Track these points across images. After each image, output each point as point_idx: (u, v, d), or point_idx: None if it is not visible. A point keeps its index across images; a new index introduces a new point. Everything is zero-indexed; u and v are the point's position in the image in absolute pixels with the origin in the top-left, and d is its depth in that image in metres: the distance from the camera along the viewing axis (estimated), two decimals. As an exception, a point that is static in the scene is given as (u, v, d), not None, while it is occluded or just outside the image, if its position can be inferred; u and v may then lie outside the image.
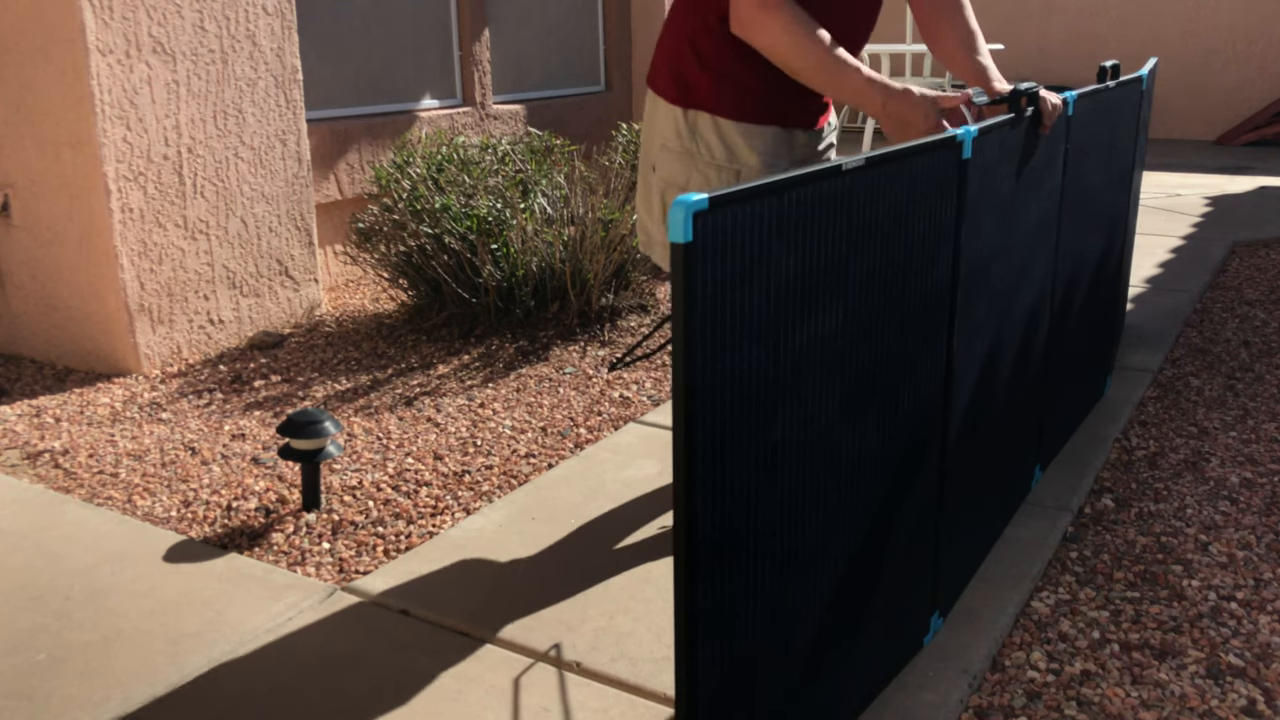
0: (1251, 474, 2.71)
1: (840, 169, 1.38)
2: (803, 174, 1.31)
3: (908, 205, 1.57)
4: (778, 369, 1.34)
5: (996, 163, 1.86)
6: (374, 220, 4.06)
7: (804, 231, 1.34)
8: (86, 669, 1.93)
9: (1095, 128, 2.48)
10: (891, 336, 1.60)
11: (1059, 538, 2.37)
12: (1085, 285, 2.68)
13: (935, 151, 1.61)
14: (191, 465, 2.86)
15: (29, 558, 2.35)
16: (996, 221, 1.92)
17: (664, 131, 2.12)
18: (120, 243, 3.50)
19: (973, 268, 1.82)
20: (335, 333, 4.03)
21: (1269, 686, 1.87)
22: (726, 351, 1.24)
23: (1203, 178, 7.36)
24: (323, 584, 2.23)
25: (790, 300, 1.34)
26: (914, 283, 1.63)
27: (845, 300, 1.46)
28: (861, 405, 1.56)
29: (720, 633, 1.35)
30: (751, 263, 1.24)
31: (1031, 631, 2.04)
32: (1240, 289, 4.50)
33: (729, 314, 1.22)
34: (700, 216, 1.14)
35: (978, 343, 1.93)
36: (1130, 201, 3.02)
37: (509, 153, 4.25)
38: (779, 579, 1.45)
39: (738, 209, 1.19)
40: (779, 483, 1.40)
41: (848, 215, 1.42)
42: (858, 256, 1.47)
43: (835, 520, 1.56)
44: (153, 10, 3.51)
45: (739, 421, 1.29)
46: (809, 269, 1.36)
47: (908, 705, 1.78)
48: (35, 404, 3.36)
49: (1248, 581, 2.21)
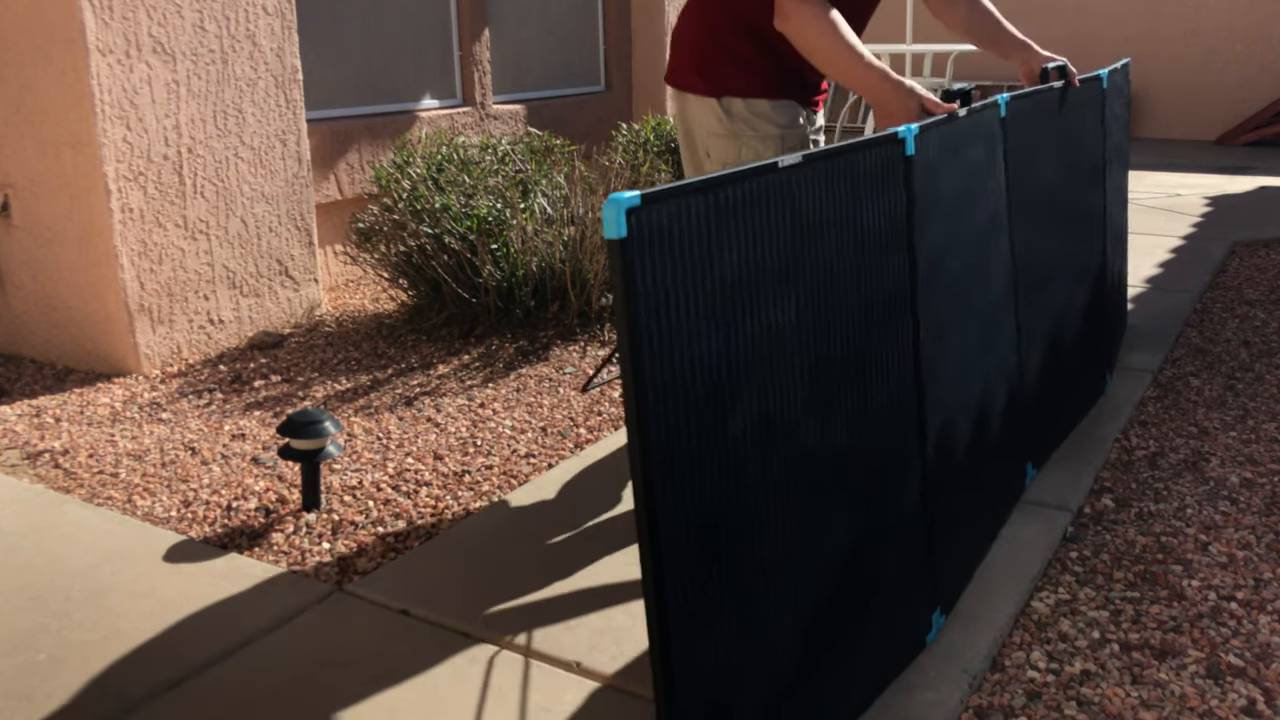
0: (1251, 474, 2.71)
1: (776, 165, 1.43)
2: (738, 171, 1.36)
3: (855, 200, 1.62)
4: (732, 362, 1.36)
5: (943, 159, 1.93)
6: (374, 220, 4.06)
7: (747, 227, 1.38)
8: (86, 669, 1.94)
9: (1041, 128, 2.54)
10: (852, 330, 1.62)
11: (1059, 538, 2.37)
12: (1064, 283, 2.69)
13: (877, 147, 1.67)
14: (191, 465, 2.86)
15: (29, 558, 2.35)
16: (950, 217, 1.97)
17: (706, 122, 2.38)
18: (120, 243, 3.50)
19: (930, 261, 1.85)
20: (335, 333, 4.03)
21: (1269, 686, 1.87)
22: (676, 345, 1.27)
23: (1203, 178, 7.36)
24: (323, 584, 2.23)
25: (740, 293, 1.37)
26: (872, 276, 1.66)
27: (799, 293, 1.50)
28: (827, 397, 1.57)
29: (696, 637, 1.34)
30: (693, 257, 1.29)
31: (1031, 631, 2.04)
32: (1240, 289, 4.50)
33: (675, 307, 1.26)
34: (634, 213, 1.19)
35: (947, 337, 1.95)
36: (1110, 200, 3.02)
37: (509, 153, 4.25)
38: (755, 577, 1.44)
39: (670, 205, 1.24)
40: (744, 479, 1.41)
41: (792, 211, 1.47)
42: (809, 250, 1.51)
43: (812, 518, 1.56)
44: (153, 10, 3.51)
45: (694, 415, 1.30)
46: (757, 263, 1.40)
47: (908, 705, 1.78)
48: (35, 404, 3.36)
49: (1248, 581, 2.21)
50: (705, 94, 2.36)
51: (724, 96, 2.35)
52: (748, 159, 2.34)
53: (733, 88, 2.34)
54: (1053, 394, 2.66)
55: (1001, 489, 2.33)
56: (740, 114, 2.34)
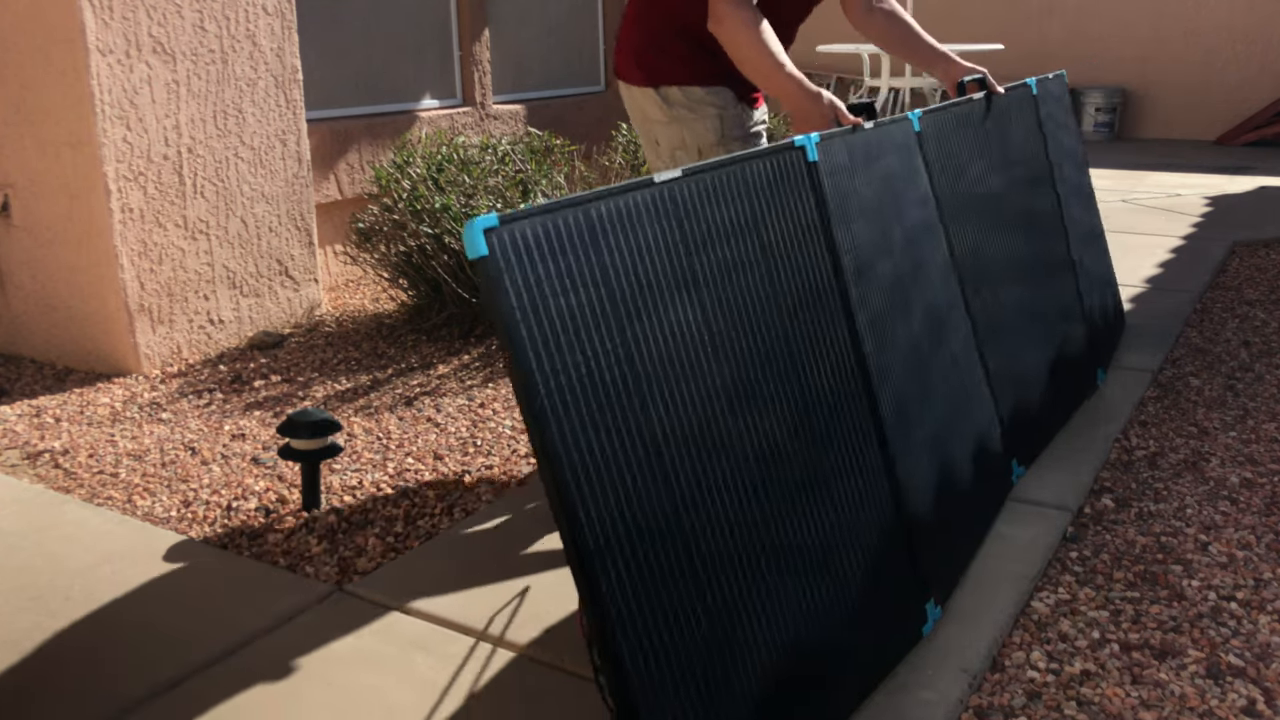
0: (1251, 474, 2.71)
1: (651, 180, 1.51)
2: (611, 188, 1.45)
3: (754, 207, 1.68)
4: (630, 365, 1.41)
5: (857, 165, 2.00)
6: (374, 220, 4.06)
7: (628, 239, 1.45)
8: (86, 669, 1.94)
9: (967, 137, 2.63)
10: (771, 331, 1.66)
11: (1059, 538, 2.37)
12: (1023, 281, 2.72)
13: (777, 155, 1.75)
14: (191, 465, 2.86)
15: (29, 558, 2.35)
16: (875, 218, 2.03)
17: (649, 111, 2.52)
18: (120, 243, 3.50)
19: (860, 260, 1.90)
20: (335, 333, 4.03)
21: (1269, 686, 1.87)
22: (558, 351, 1.33)
23: (1203, 178, 7.36)
24: (323, 584, 2.23)
25: (629, 302, 1.43)
26: (788, 278, 1.71)
27: (701, 298, 1.54)
28: (752, 399, 1.60)
29: (644, 647, 1.36)
30: (567, 270, 1.36)
31: (1031, 631, 2.04)
32: (1240, 289, 4.50)
33: (553, 317, 1.33)
34: (492, 233, 1.28)
35: (890, 331, 1.99)
36: (1067, 200, 3.07)
37: (509, 153, 4.25)
38: (690, 574, 1.46)
39: (532, 224, 1.33)
40: (668, 479, 1.44)
41: (677, 222, 1.54)
42: (704, 257, 1.57)
43: (757, 513, 1.57)
44: (153, 10, 3.51)
45: (594, 417, 1.34)
46: (646, 273, 1.47)
47: (907, 705, 1.78)
48: (35, 404, 3.36)
49: (1248, 581, 2.21)
50: (644, 85, 2.50)
51: (661, 86, 2.48)
52: (691, 141, 2.47)
53: (669, 78, 2.47)
54: (1027, 389, 2.67)
55: (978, 482, 2.33)
56: (678, 101, 2.48)
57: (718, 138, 2.47)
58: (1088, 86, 9.65)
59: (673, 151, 2.54)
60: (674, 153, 2.54)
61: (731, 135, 2.49)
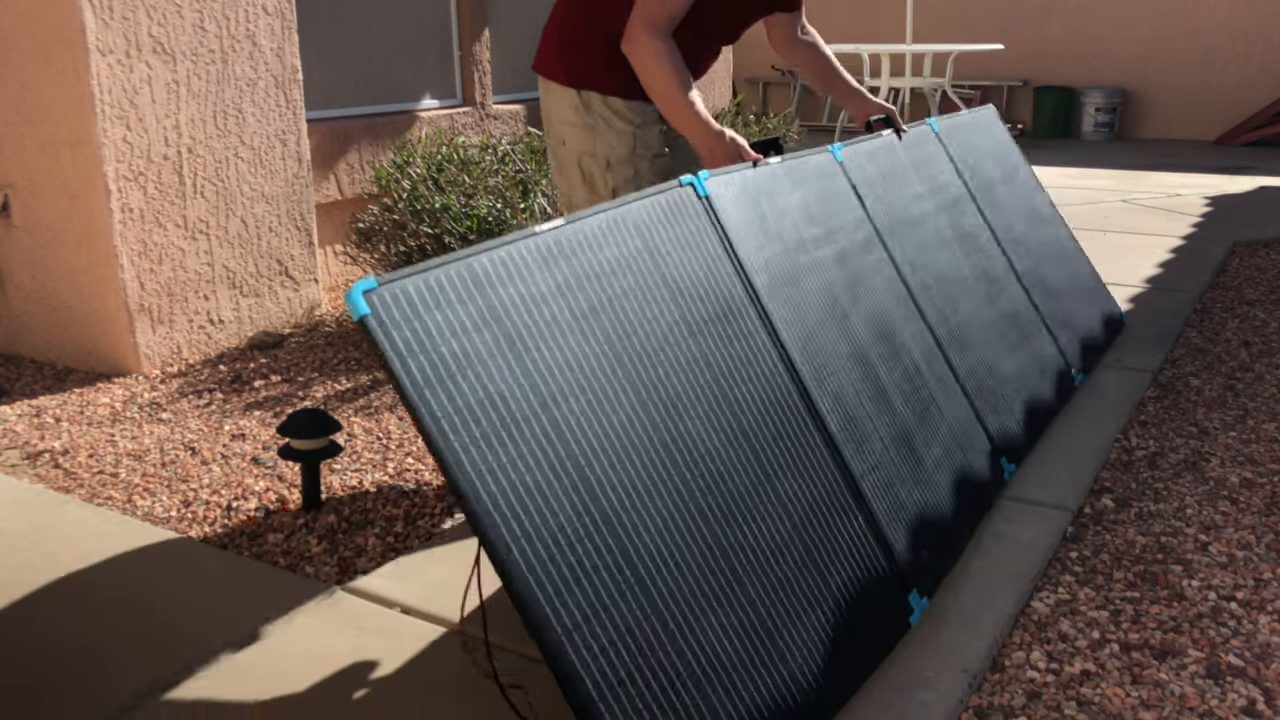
0: (1251, 474, 2.71)
1: (534, 231, 1.63)
2: (491, 243, 1.58)
3: (652, 241, 1.80)
4: (536, 398, 1.51)
5: (760, 195, 2.15)
6: (374, 220, 4.06)
7: (518, 284, 1.58)
8: (86, 669, 1.94)
9: (886, 166, 2.82)
10: (682, 351, 1.76)
11: (1058, 538, 2.37)
12: (964, 296, 2.85)
13: (666, 193, 1.87)
14: (191, 465, 2.86)
15: (29, 558, 2.35)
16: (787, 241, 2.17)
17: (564, 113, 2.52)
18: (120, 243, 3.50)
19: (772, 281, 2.00)
20: (335, 333, 4.03)
21: (1269, 686, 1.87)
22: (455, 389, 1.42)
23: (1203, 178, 7.36)
24: (322, 584, 2.23)
25: (528, 339, 1.54)
26: (695, 302, 1.83)
27: (606, 325, 1.65)
28: (675, 412, 1.69)
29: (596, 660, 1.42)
30: (457, 320, 1.47)
31: (1031, 631, 2.04)
32: (1240, 289, 4.50)
33: (447, 362, 1.43)
34: (371, 294, 1.40)
35: (823, 338, 2.09)
36: (991, 223, 3.24)
37: (509, 153, 4.25)
38: (646, 584, 1.52)
39: (411, 283, 1.44)
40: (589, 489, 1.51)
41: (566, 263, 1.65)
42: (606, 289, 1.68)
43: (688, 522, 1.61)
44: (153, 10, 3.51)
45: (504, 450, 1.44)
46: (545, 311, 1.58)
47: (907, 705, 1.78)
48: (35, 404, 3.36)
49: (1248, 581, 2.21)
50: (566, 85, 2.50)
51: (583, 90, 2.49)
52: (603, 152, 2.50)
53: (592, 83, 2.48)
54: (997, 388, 2.71)
55: (959, 478, 2.35)
56: (598, 109, 2.49)
57: (628, 153, 2.47)
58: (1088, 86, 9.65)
59: (579, 157, 2.54)
60: (580, 158, 2.53)
61: (641, 154, 2.49)
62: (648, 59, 2.30)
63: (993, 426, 2.59)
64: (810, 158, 2.46)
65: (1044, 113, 9.69)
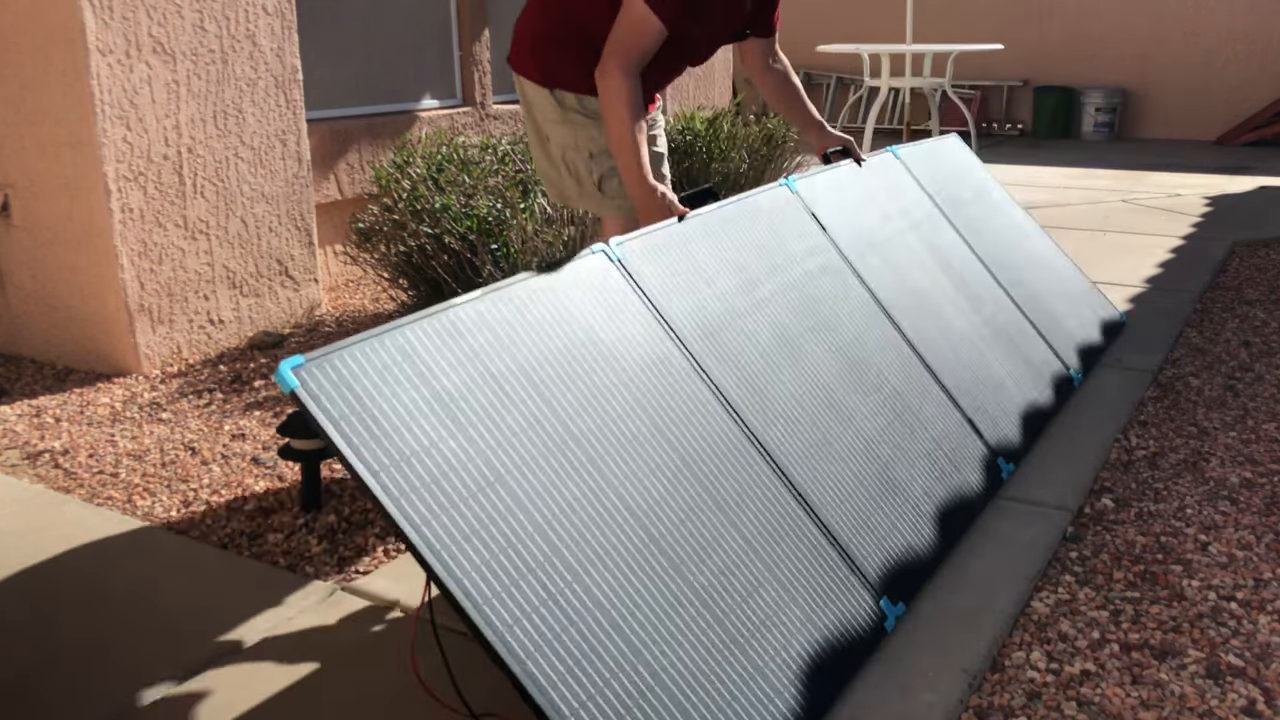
0: (1251, 474, 2.72)
1: (451, 304, 1.73)
2: (408, 319, 1.66)
3: (575, 301, 1.91)
4: (482, 455, 1.60)
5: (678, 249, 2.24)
6: (374, 220, 4.06)
7: (455, 350, 1.67)
8: (86, 669, 1.94)
9: (850, 193, 2.91)
10: (618, 400, 1.83)
11: (1058, 538, 2.37)
12: (953, 306, 2.90)
13: (579, 262, 1.99)
14: (191, 465, 2.86)
15: (29, 558, 2.35)
16: (725, 283, 2.25)
17: (543, 108, 2.60)
18: (120, 243, 3.50)
19: (705, 327, 2.11)
20: (335, 333, 4.03)
21: (1269, 686, 1.87)
22: (396, 448, 1.51)
23: (1203, 178, 7.37)
24: (323, 584, 2.23)
25: (463, 401, 1.63)
26: (627, 355, 1.92)
27: (540, 380, 1.74)
28: (618, 452, 1.76)
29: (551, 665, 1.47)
30: (388, 388, 1.56)
31: (1031, 631, 2.04)
32: (1240, 289, 4.50)
33: (387, 424, 1.53)
34: (299, 370, 1.50)
35: (772, 372, 2.18)
36: (967, 239, 3.30)
37: (509, 153, 4.25)
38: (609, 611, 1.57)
39: (335, 357, 1.54)
40: (543, 533, 1.58)
41: (490, 331, 1.75)
42: (537, 347, 1.78)
43: (637, 570, 1.66)
44: (153, 10, 3.51)
45: (458, 510, 1.52)
46: (477, 373, 1.67)
47: (907, 705, 1.78)
48: (35, 404, 3.36)
49: (1248, 581, 2.21)
50: (541, 84, 2.57)
51: (556, 89, 2.55)
52: (584, 144, 2.57)
53: (565, 82, 2.54)
54: (987, 392, 2.72)
55: (939, 481, 2.35)
56: (573, 106, 2.56)
57: (608, 144, 2.49)
58: (1088, 86, 9.65)
59: (564, 150, 2.60)
60: (565, 152, 2.59)
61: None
62: (612, 99, 2.35)
63: (984, 429, 2.60)
64: (760, 196, 2.56)
65: (1044, 113, 9.69)
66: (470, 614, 1.44)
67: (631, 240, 2.14)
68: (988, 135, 9.91)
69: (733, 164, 4.92)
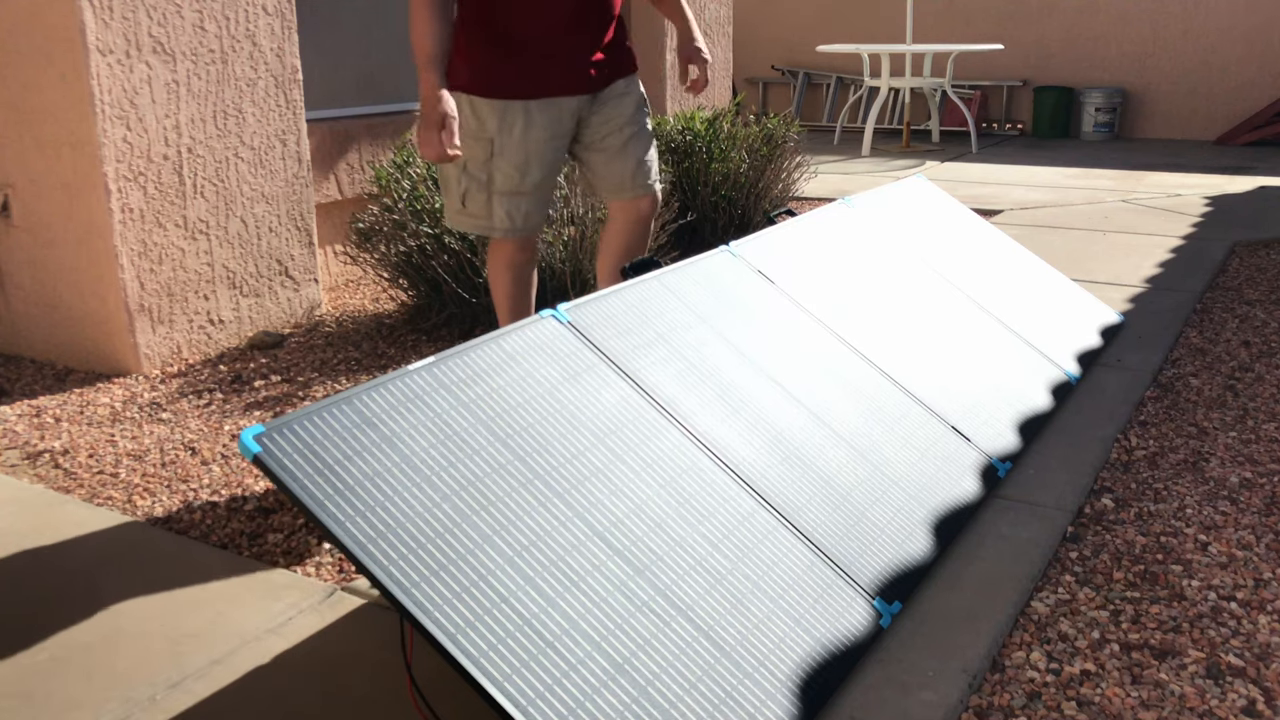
0: (1251, 474, 2.72)
1: (410, 370, 1.80)
2: (387, 377, 1.75)
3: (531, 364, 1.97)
4: (456, 505, 1.66)
5: (645, 309, 2.30)
6: (374, 220, 4.06)
7: (421, 412, 1.76)
8: (86, 669, 1.94)
9: (804, 252, 2.95)
10: (590, 456, 1.89)
11: (1058, 538, 2.37)
12: (924, 325, 2.95)
13: (528, 327, 2.04)
14: (191, 465, 2.86)
15: (29, 558, 2.35)
16: (679, 342, 2.30)
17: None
18: (120, 243, 3.50)
19: (669, 389, 2.14)
20: (335, 333, 4.03)
21: (1269, 686, 1.87)
22: (353, 502, 1.57)
23: (1203, 178, 7.37)
24: (323, 584, 2.23)
25: (429, 460, 1.70)
26: (593, 411, 1.98)
27: (498, 437, 1.80)
28: (593, 501, 1.81)
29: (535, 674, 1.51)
30: (350, 448, 1.64)
31: (1031, 631, 2.04)
32: (1240, 289, 4.50)
33: (341, 480, 1.59)
34: (260, 438, 1.57)
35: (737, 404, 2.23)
36: (939, 261, 3.37)
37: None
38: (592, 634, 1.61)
39: (295, 424, 1.62)
40: (528, 578, 1.62)
41: (448, 393, 1.82)
42: (492, 409, 1.84)
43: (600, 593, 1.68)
44: (153, 10, 3.51)
45: (425, 554, 1.57)
46: (447, 430, 1.76)
47: (907, 704, 1.78)
48: (35, 404, 3.36)
49: (1248, 581, 2.21)
50: (450, 88, 2.54)
51: (455, 91, 2.51)
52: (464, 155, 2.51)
53: (456, 82, 2.51)
54: (973, 398, 2.74)
55: (928, 484, 2.37)
56: (462, 110, 2.50)
57: (486, 157, 2.45)
58: (1088, 86, 9.65)
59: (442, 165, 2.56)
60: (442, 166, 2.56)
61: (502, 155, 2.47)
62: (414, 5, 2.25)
63: (972, 432, 2.61)
64: (714, 256, 2.60)
65: (1044, 113, 9.69)
66: (445, 646, 1.48)
67: (588, 306, 2.20)
68: (988, 135, 9.91)
69: (733, 164, 4.92)
